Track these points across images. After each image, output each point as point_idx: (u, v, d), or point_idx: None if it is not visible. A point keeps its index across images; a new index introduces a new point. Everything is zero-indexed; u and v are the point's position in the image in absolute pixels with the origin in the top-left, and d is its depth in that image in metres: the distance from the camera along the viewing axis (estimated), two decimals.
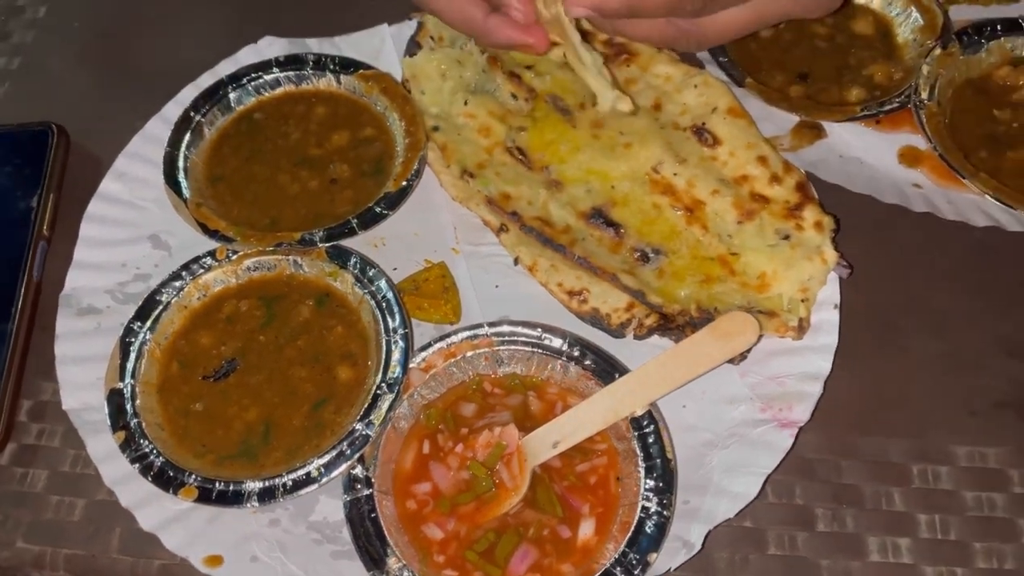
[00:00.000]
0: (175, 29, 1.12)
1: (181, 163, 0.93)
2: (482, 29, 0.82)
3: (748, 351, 0.79)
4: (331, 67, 0.99)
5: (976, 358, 0.83)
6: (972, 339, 0.84)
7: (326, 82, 0.99)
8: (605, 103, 0.86)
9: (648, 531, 0.71)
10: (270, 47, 1.03)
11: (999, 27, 0.98)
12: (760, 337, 0.77)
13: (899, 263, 0.89)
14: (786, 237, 0.87)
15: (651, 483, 0.73)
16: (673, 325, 0.84)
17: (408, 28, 1.04)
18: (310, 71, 0.99)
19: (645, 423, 0.76)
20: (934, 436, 0.80)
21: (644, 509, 0.72)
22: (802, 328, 0.82)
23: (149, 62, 1.09)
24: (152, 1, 1.14)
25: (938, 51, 0.95)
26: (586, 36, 0.86)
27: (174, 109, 0.99)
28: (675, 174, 0.91)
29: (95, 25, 1.13)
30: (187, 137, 0.94)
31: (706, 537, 0.73)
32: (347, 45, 1.04)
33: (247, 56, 1.03)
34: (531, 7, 0.81)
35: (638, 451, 0.75)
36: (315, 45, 1.04)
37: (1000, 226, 0.88)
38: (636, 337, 0.85)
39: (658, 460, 0.74)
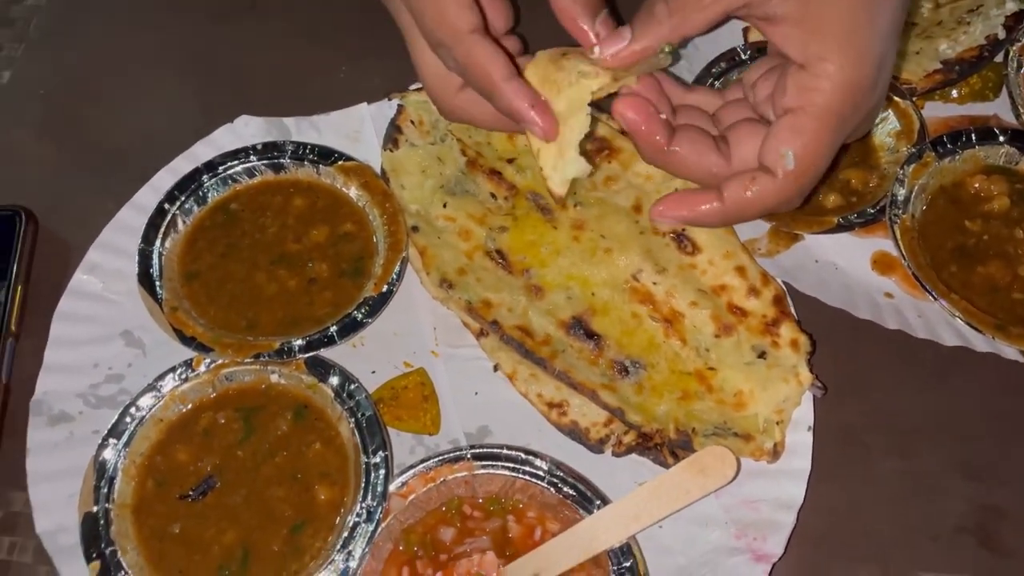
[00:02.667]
0: (145, 102, 1.09)
1: (156, 261, 0.91)
2: (499, 88, 0.71)
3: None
4: (310, 157, 0.97)
5: (938, 480, 0.86)
6: (934, 460, 0.87)
7: (305, 172, 0.97)
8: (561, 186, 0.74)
9: None
10: (246, 127, 1.01)
11: (974, 136, 0.99)
12: (738, 473, 0.78)
13: (869, 380, 0.91)
14: (762, 355, 0.88)
15: None
16: (651, 444, 0.85)
17: (388, 107, 1.03)
18: (288, 160, 0.97)
19: (623, 557, 0.77)
20: (899, 561, 0.82)
21: None
22: (776, 453, 0.84)
23: (119, 137, 1.05)
24: (120, 72, 1.11)
25: (914, 164, 0.97)
26: None
27: (147, 195, 0.97)
28: (655, 283, 0.91)
29: (61, 95, 1.09)
30: (161, 232, 0.92)
31: None
32: (326, 125, 1.02)
33: (223, 137, 1.00)
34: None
35: None
36: (292, 125, 1.02)
37: (969, 345, 0.90)
38: (615, 454, 0.86)
39: None
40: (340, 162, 0.97)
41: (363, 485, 0.80)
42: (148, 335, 0.91)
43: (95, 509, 0.79)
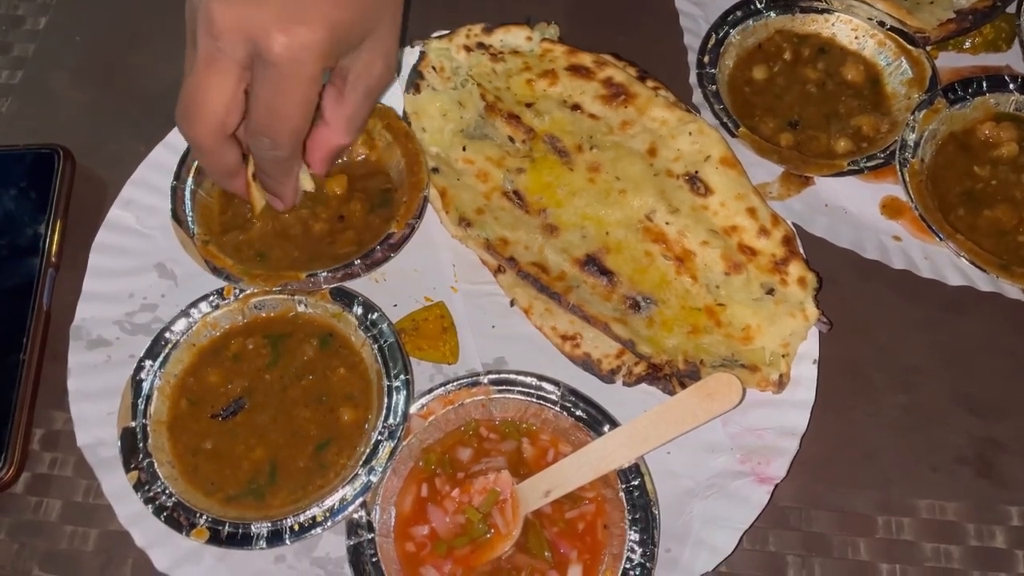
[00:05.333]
0: (177, 47, 1.11)
1: (187, 197, 0.94)
2: (233, 184, 0.88)
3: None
4: None
5: (940, 414, 0.89)
6: (937, 395, 0.90)
7: None
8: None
9: None
10: None
11: (985, 83, 1.01)
12: (743, 398, 0.81)
13: (875, 317, 0.94)
14: (770, 291, 0.91)
15: (636, 535, 0.78)
16: (661, 375, 0.89)
17: (410, 55, 1.05)
18: None
19: (632, 476, 0.81)
20: (898, 489, 0.86)
21: (628, 560, 0.78)
22: (782, 383, 0.87)
23: (152, 81, 1.09)
24: (153, 19, 1.14)
25: (925, 110, 0.98)
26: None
27: (179, 135, 1.00)
28: (667, 223, 0.94)
29: (96, 40, 1.14)
30: (192, 170, 0.95)
31: None
32: None
33: None
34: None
35: (625, 502, 0.80)
36: None
37: (973, 285, 0.92)
38: (625, 384, 0.90)
39: (643, 512, 0.79)
40: None
41: (385, 406, 0.83)
42: (180, 267, 0.95)
43: (133, 424, 0.83)
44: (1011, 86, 1.01)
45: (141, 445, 0.82)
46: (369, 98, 0.85)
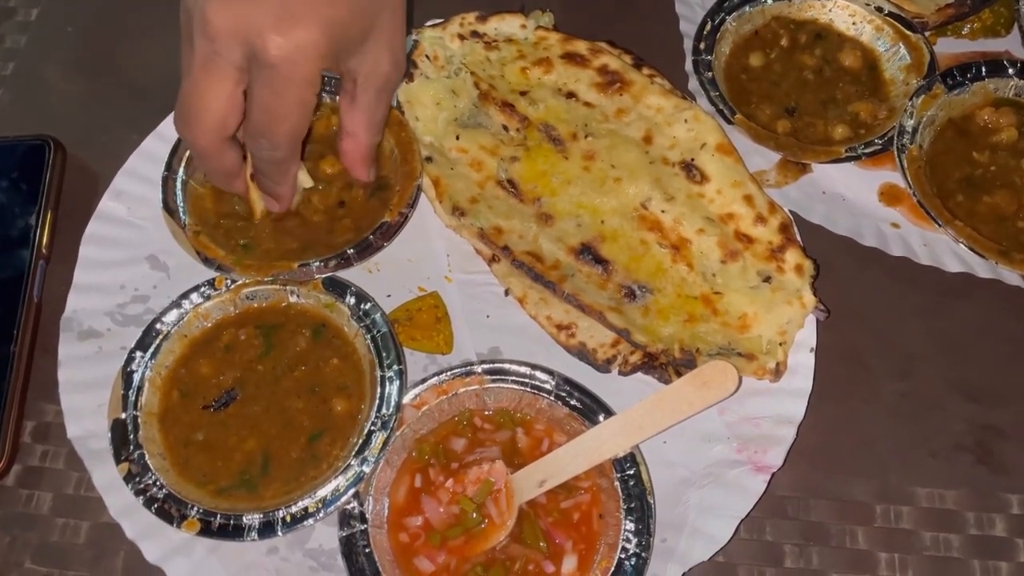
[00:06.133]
0: (169, 38, 1.10)
1: (178, 188, 0.94)
2: (234, 184, 0.86)
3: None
4: (327, 88, 0.99)
5: (938, 401, 0.88)
6: (936, 383, 0.89)
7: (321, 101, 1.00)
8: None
9: (627, 571, 0.76)
10: None
11: (984, 68, 1.00)
12: (739, 386, 0.80)
13: (873, 305, 0.93)
14: (767, 279, 0.90)
15: (631, 525, 0.78)
16: (656, 364, 0.88)
17: None
18: None
19: (627, 465, 0.80)
20: (897, 477, 0.85)
21: (624, 549, 0.77)
22: (779, 372, 0.86)
23: (144, 72, 1.09)
24: (144, 9, 1.14)
25: (923, 96, 0.97)
26: None
27: (171, 126, 0.99)
28: (663, 211, 0.93)
29: (87, 31, 1.13)
30: (184, 160, 0.95)
31: None
32: None
33: None
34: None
35: (620, 492, 0.79)
36: None
37: (971, 271, 0.91)
38: (621, 373, 0.89)
39: (638, 502, 0.78)
40: None
41: (378, 397, 0.83)
42: (172, 259, 0.94)
43: (123, 416, 0.82)
44: (1010, 71, 1.00)
45: (132, 437, 0.81)
46: (382, 96, 0.84)
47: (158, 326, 0.87)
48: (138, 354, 0.85)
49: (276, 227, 0.92)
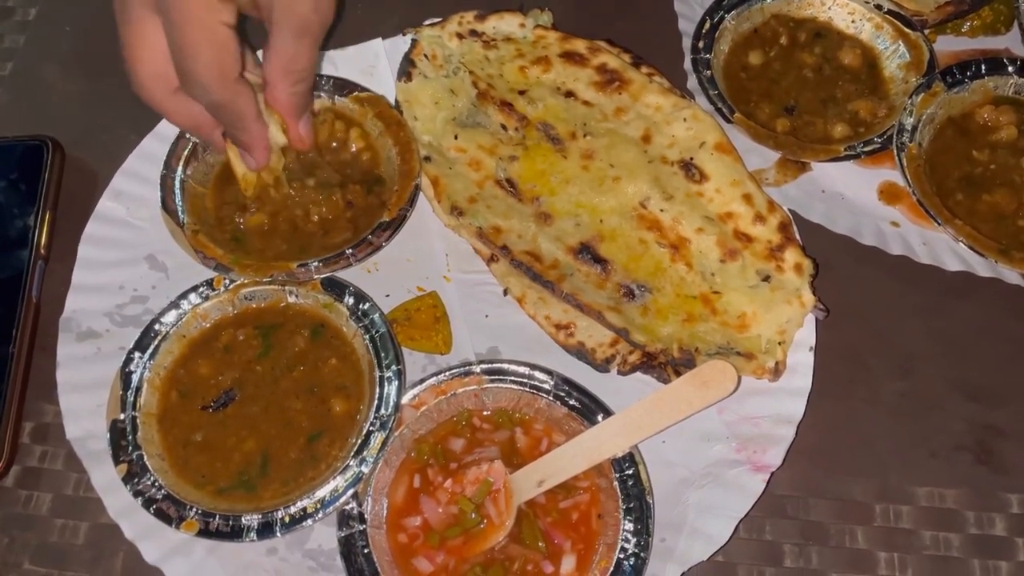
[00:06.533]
0: None
1: (177, 187, 0.93)
2: (249, 127, 0.82)
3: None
4: (326, 88, 0.99)
5: (938, 401, 0.88)
6: (936, 382, 0.89)
7: (320, 103, 0.99)
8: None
9: (626, 570, 0.76)
10: None
11: (983, 66, 1.00)
12: (738, 386, 0.80)
13: (873, 304, 0.93)
14: (767, 278, 0.90)
15: (630, 525, 0.77)
16: (655, 363, 0.88)
17: (403, 43, 1.04)
18: None
19: (626, 465, 0.80)
20: (897, 476, 0.85)
21: (623, 549, 0.77)
22: (778, 371, 0.86)
23: None
24: None
25: (922, 94, 0.97)
26: None
27: (170, 125, 0.99)
28: (662, 210, 0.93)
29: (86, 31, 1.13)
30: (183, 160, 0.95)
31: None
32: (342, 59, 1.05)
33: None
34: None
35: (619, 491, 0.79)
36: None
37: (971, 270, 0.91)
38: (619, 373, 0.89)
39: (637, 502, 0.78)
40: (355, 93, 0.99)
41: (377, 397, 0.83)
42: (171, 259, 0.94)
43: (122, 416, 0.82)
44: (1010, 69, 1.00)
45: (130, 437, 0.81)
46: (302, 42, 0.77)
47: (157, 326, 0.87)
48: (137, 355, 0.85)
49: (271, 227, 0.92)
